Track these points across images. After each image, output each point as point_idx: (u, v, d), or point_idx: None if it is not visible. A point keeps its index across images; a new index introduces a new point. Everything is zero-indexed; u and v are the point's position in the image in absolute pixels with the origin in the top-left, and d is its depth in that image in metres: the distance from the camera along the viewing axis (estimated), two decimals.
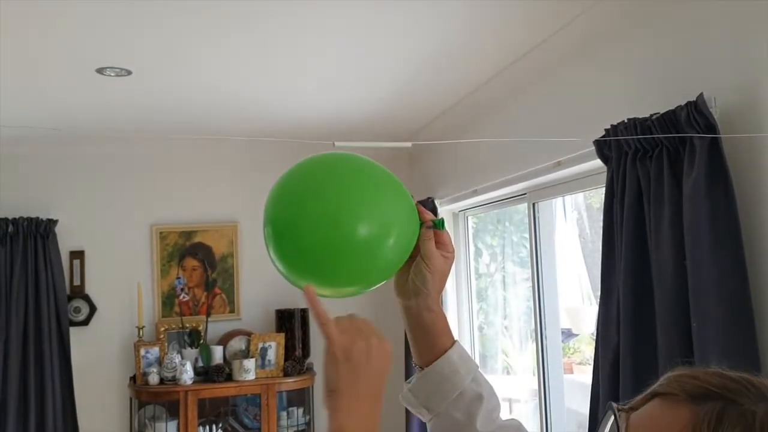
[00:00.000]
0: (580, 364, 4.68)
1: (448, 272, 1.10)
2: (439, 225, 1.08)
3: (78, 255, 4.53)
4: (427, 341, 1.07)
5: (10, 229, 4.25)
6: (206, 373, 4.34)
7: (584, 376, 4.14)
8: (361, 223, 0.98)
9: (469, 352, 1.12)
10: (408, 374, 1.12)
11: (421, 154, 4.67)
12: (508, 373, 4.90)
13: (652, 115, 1.95)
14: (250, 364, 4.33)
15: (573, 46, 2.62)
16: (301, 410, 4.59)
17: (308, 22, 2.49)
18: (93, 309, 4.52)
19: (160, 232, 4.66)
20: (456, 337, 1.10)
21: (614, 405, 0.78)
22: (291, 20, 2.46)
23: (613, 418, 0.77)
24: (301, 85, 3.30)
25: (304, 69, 3.03)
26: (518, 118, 3.17)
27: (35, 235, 4.29)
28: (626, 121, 2.06)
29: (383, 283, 1.08)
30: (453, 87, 3.39)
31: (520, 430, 1.06)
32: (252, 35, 2.60)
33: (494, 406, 1.07)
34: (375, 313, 4.95)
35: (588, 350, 4.59)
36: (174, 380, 4.23)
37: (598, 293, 2.26)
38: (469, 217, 4.38)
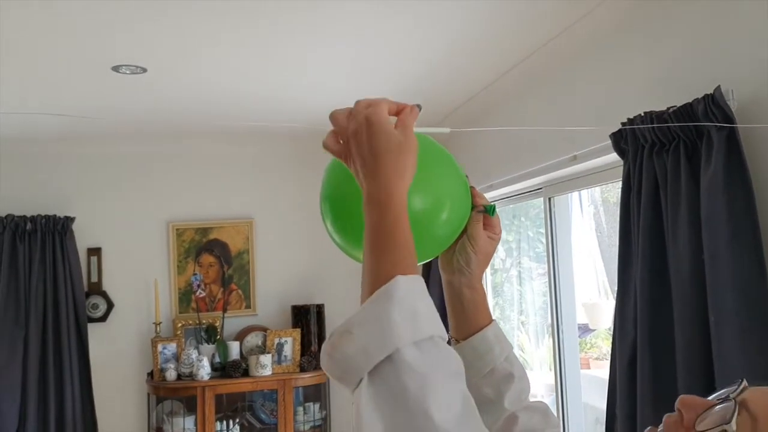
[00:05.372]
0: (597, 359, 4.66)
1: (493, 253, 1.11)
2: (490, 211, 1.09)
3: (95, 252, 4.56)
4: (465, 317, 1.08)
5: (28, 227, 4.29)
6: (223, 369, 4.36)
7: (601, 371, 4.12)
8: (416, 196, 0.97)
9: None
10: None
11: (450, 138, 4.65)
12: (524, 368, 4.88)
13: (669, 109, 1.93)
14: (266, 359, 4.35)
15: (589, 39, 2.61)
16: (317, 406, 4.60)
17: (325, 16, 2.48)
18: (110, 305, 4.55)
19: (177, 229, 4.68)
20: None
21: (744, 380, 0.79)
22: (307, 14, 2.46)
23: (735, 385, 0.77)
24: (318, 78, 3.29)
25: (321, 63, 3.03)
26: (534, 112, 3.16)
27: (53, 232, 4.33)
28: (643, 114, 2.04)
29: (432, 258, 1.09)
30: (469, 81, 3.38)
31: (547, 413, 1.06)
32: (268, 30, 2.60)
33: (524, 387, 1.08)
34: None
35: (605, 345, 4.57)
36: (191, 376, 4.26)
37: (615, 288, 2.24)
38: None
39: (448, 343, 1.12)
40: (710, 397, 0.78)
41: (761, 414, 0.72)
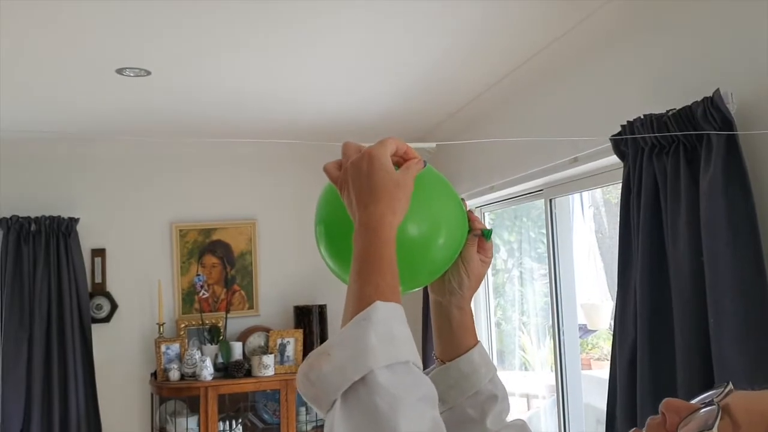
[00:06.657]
0: (598, 359, 4.67)
1: (484, 275, 1.12)
2: (486, 235, 1.10)
3: (99, 253, 4.58)
4: (452, 337, 1.09)
5: (32, 228, 4.31)
6: (226, 369, 4.38)
7: (603, 371, 4.13)
8: (414, 221, 0.98)
9: (486, 348, 1.15)
10: (425, 363, 1.14)
11: (437, 151, 4.67)
12: (525, 369, 4.90)
13: (668, 111, 1.94)
14: (269, 360, 4.36)
15: (589, 42, 2.62)
16: None
17: (325, 22, 2.50)
18: (114, 306, 4.57)
19: (180, 230, 4.70)
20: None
21: (731, 383, 0.76)
22: (308, 20, 2.47)
23: (722, 388, 0.75)
24: (318, 83, 3.31)
25: (320, 68, 3.05)
26: (536, 114, 3.17)
27: (57, 233, 4.34)
28: (642, 117, 2.05)
29: (429, 283, 1.10)
30: (470, 83, 3.39)
31: (524, 428, 1.09)
32: (270, 35, 2.62)
33: (505, 408, 1.10)
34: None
35: (606, 346, 4.58)
36: (194, 376, 4.28)
37: (615, 289, 2.26)
38: (487, 213, 4.39)
39: (432, 364, 1.13)
40: (695, 400, 0.77)
41: (744, 420, 0.70)
